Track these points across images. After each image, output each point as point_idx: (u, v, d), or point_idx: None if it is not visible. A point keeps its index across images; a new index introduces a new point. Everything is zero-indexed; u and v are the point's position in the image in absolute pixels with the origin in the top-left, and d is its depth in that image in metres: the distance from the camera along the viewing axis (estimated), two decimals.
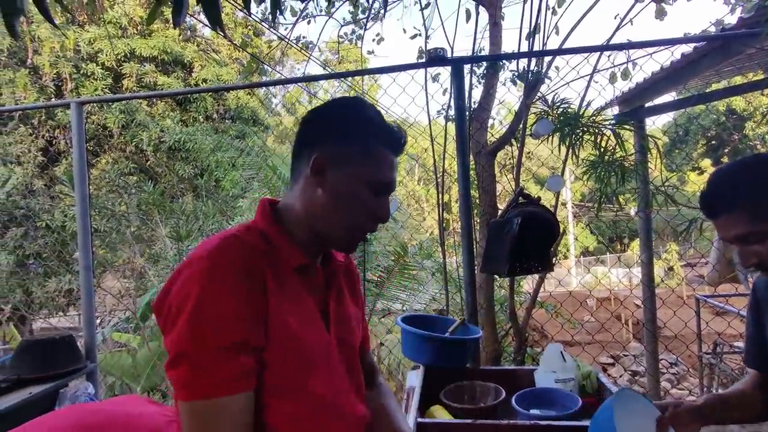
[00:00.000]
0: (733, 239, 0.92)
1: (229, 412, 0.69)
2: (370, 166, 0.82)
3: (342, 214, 0.82)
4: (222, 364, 0.69)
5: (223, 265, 0.73)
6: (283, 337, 0.76)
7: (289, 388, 0.77)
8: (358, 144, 0.83)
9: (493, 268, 1.92)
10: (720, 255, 4.03)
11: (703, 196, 0.95)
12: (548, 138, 2.40)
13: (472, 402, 1.69)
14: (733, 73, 3.84)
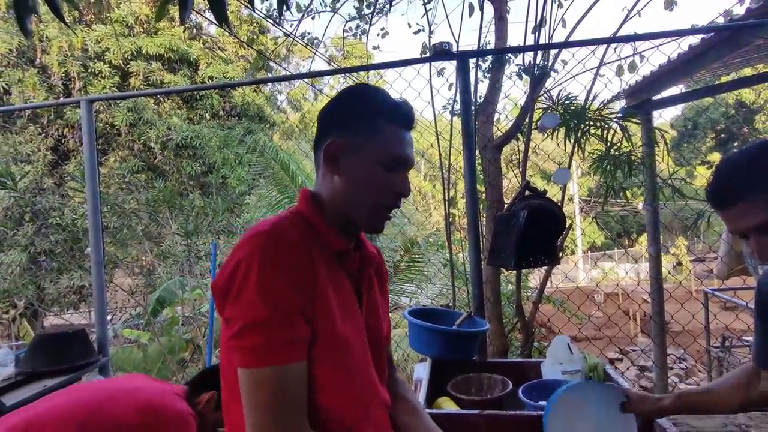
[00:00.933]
0: (748, 230, 0.87)
1: (296, 379, 0.74)
2: (378, 144, 0.84)
3: (360, 196, 0.85)
4: (288, 334, 0.73)
5: (279, 241, 0.77)
6: (325, 315, 0.79)
7: (331, 364, 0.79)
8: (364, 125, 0.85)
9: (499, 262, 1.93)
10: (729, 248, 3.99)
11: (712, 187, 0.90)
12: (554, 132, 2.39)
13: (479, 394, 1.71)
14: (742, 65, 3.80)
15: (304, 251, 0.78)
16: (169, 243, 6.38)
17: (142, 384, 1.50)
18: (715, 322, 4.06)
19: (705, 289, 4.38)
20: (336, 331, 0.80)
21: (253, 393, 0.72)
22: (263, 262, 0.73)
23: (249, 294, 0.71)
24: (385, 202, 0.87)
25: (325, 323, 0.78)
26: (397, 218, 6.68)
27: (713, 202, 0.91)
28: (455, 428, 1.39)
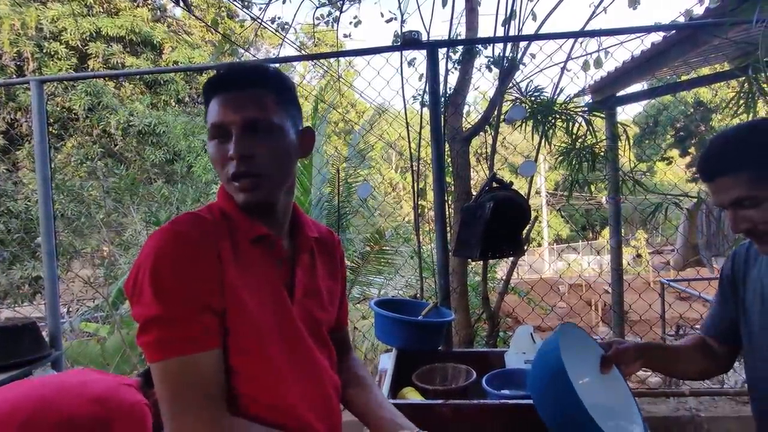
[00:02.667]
0: (729, 203, 0.90)
1: (203, 368, 0.74)
2: (207, 119, 0.85)
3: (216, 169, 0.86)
4: (189, 322, 0.74)
5: (176, 238, 0.77)
6: (237, 306, 0.79)
7: (247, 353, 0.80)
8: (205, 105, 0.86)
9: (465, 252, 1.94)
10: (684, 240, 4.17)
11: (705, 156, 0.92)
12: (522, 125, 2.42)
13: (444, 383, 1.72)
14: (701, 64, 3.93)
15: (205, 244, 0.78)
16: (132, 233, 6.16)
17: (92, 377, 1.44)
18: (671, 312, 4.24)
19: (662, 280, 4.56)
20: (250, 321, 0.80)
21: (160, 385, 0.74)
22: (156, 261, 0.74)
23: (146, 293, 0.73)
24: (227, 173, 0.83)
25: (237, 313, 0.79)
26: (366, 209, 6.66)
27: (701, 173, 0.93)
28: (420, 418, 1.38)
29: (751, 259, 1.03)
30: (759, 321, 0.98)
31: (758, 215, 0.87)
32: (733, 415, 2.05)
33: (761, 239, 0.90)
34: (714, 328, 1.12)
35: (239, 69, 0.86)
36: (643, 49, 2.75)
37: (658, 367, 1.16)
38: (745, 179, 0.86)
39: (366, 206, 6.54)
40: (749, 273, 1.03)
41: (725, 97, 14.78)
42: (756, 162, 0.86)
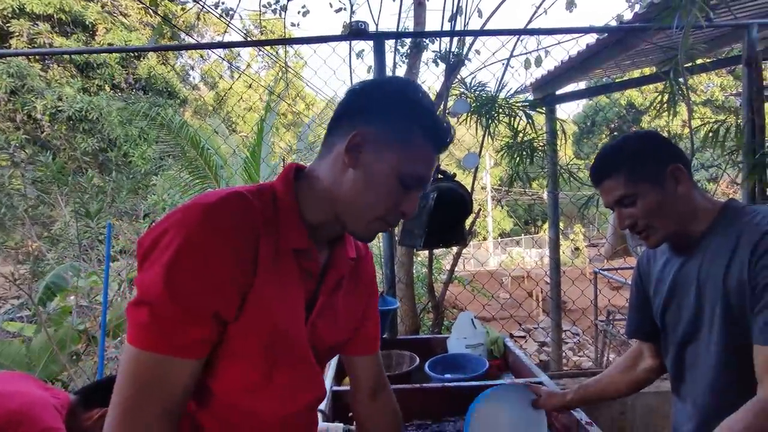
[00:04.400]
0: (614, 202, 1.02)
1: (174, 373, 0.66)
2: (409, 158, 0.75)
3: (368, 200, 0.76)
4: (183, 330, 0.65)
5: (217, 222, 0.67)
6: (257, 316, 0.71)
7: (249, 361, 0.73)
8: (403, 131, 0.76)
9: (410, 242, 1.97)
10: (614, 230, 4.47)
11: (593, 164, 1.06)
12: (467, 119, 2.49)
13: (388, 370, 1.75)
14: (631, 67, 4.20)
15: (246, 245, 0.69)
16: (61, 226, 5.75)
17: (20, 389, 1.30)
18: (602, 299, 4.51)
19: (594, 269, 4.85)
20: (265, 333, 0.72)
21: (124, 371, 0.65)
22: (184, 248, 0.64)
23: (157, 272, 0.64)
24: (387, 218, 0.78)
25: (255, 323, 0.71)
26: None
27: (592, 180, 1.07)
28: None
29: (652, 257, 1.16)
30: (663, 311, 1.09)
31: (636, 211, 0.99)
32: (653, 390, 2.22)
33: (643, 234, 1.01)
34: (637, 328, 1.21)
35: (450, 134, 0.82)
36: (579, 50, 2.90)
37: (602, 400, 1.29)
38: (623, 179, 0.99)
39: None
40: (651, 270, 1.15)
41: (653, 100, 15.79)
42: (630, 164, 0.99)
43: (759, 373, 0.85)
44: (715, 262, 0.95)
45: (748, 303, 0.89)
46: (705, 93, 16.40)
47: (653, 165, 0.99)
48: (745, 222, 0.93)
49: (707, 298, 0.96)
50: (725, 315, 0.92)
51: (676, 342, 1.07)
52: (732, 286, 0.91)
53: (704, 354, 0.99)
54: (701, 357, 1.00)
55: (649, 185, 0.98)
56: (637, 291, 1.21)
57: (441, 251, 6.37)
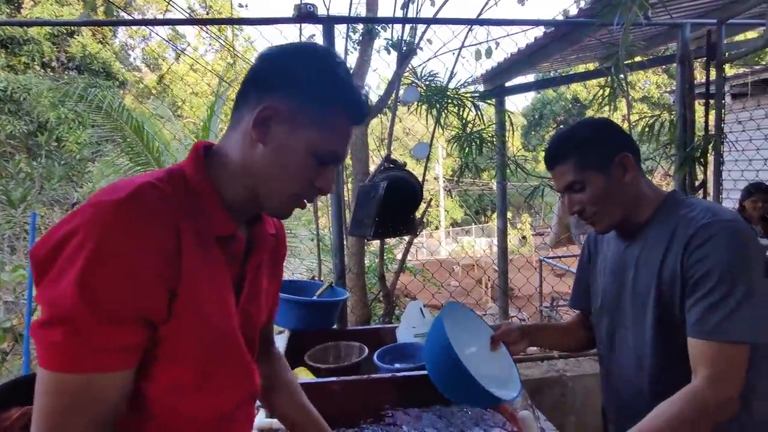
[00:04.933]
0: (564, 187, 1.04)
1: (101, 390, 0.59)
2: (324, 133, 0.71)
3: (282, 177, 0.72)
4: (107, 341, 0.58)
5: (133, 217, 0.60)
6: (190, 313, 0.66)
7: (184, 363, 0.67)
8: (317, 103, 0.71)
9: (360, 231, 1.95)
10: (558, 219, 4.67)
11: (547, 150, 1.08)
12: (417, 108, 2.48)
13: (337, 361, 1.72)
14: (577, 62, 4.34)
15: (168, 235, 0.62)
16: None
17: None
18: (547, 286, 4.70)
19: (539, 257, 5.03)
20: (198, 330, 0.67)
21: (43, 398, 0.58)
22: (98, 251, 0.56)
23: (68, 279, 0.56)
24: (303, 194, 0.75)
25: (186, 321, 0.65)
26: None
27: (546, 164, 1.09)
28: (310, 397, 1.37)
29: (599, 239, 1.19)
30: (602, 290, 1.12)
31: (585, 198, 1.01)
32: (592, 372, 2.34)
33: (590, 219, 1.04)
34: (579, 301, 1.26)
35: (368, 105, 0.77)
36: (528, 43, 2.95)
37: (543, 344, 1.29)
38: (573, 166, 1.01)
39: None
40: (598, 250, 1.18)
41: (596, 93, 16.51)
42: (579, 150, 1.01)
43: (693, 364, 0.89)
44: (652, 251, 0.99)
45: (678, 294, 0.92)
46: (642, 90, 17.36)
47: (603, 153, 1.01)
48: (682, 214, 0.96)
49: (643, 284, 1.00)
50: (658, 303, 0.96)
51: (609, 323, 1.11)
52: (666, 276, 0.95)
53: (635, 338, 1.03)
54: (632, 341, 1.04)
55: (598, 173, 1.00)
56: (582, 267, 1.25)
57: (393, 241, 6.40)
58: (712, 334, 0.85)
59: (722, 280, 0.85)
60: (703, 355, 0.86)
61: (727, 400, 0.83)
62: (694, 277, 0.89)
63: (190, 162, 0.72)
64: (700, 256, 0.88)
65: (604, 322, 1.13)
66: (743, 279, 0.85)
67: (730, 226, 0.89)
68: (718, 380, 0.83)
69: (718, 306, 0.85)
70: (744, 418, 0.94)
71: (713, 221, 0.90)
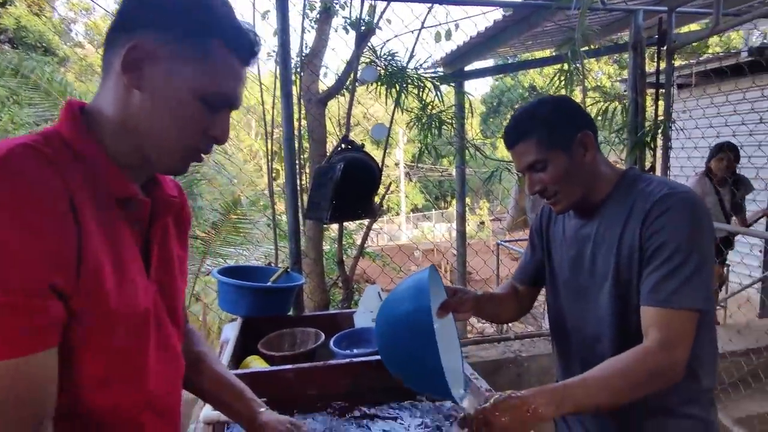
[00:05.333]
0: (525, 167, 1.02)
1: (37, 373, 0.53)
2: (206, 71, 0.63)
3: (167, 127, 0.64)
4: (27, 310, 0.52)
5: (12, 179, 0.52)
6: (96, 284, 0.59)
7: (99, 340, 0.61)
8: (192, 37, 0.63)
9: (316, 215, 1.88)
10: (515, 203, 4.76)
11: (507, 127, 1.05)
12: (376, 87, 2.42)
13: (292, 348, 1.67)
14: (536, 48, 4.39)
15: (58, 201, 0.55)
16: None
17: None
18: (504, 269, 4.80)
19: (497, 241, 5.12)
20: (109, 303, 0.60)
21: None
22: None
23: None
24: (196, 145, 0.67)
25: (95, 294, 0.58)
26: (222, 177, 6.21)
27: (506, 143, 1.05)
28: (264, 385, 1.32)
29: (553, 215, 1.18)
30: (557, 269, 1.12)
31: (547, 177, 0.99)
32: (546, 352, 2.39)
33: (551, 199, 1.03)
34: (524, 275, 1.26)
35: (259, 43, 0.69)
36: (487, 26, 2.94)
37: (485, 315, 1.25)
38: (535, 144, 0.99)
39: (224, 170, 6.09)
40: (552, 227, 1.17)
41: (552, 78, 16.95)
42: (542, 129, 0.99)
43: (644, 329, 0.89)
44: (610, 228, 0.99)
45: (636, 268, 0.93)
46: (596, 80, 17.93)
47: (564, 131, 0.99)
48: (639, 190, 0.97)
49: (601, 262, 1.00)
50: (616, 281, 0.97)
51: (566, 300, 1.11)
52: (624, 253, 0.95)
53: (592, 315, 1.03)
54: (589, 318, 1.05)
55: (560, 151, 0.99)
56: (533, 243, 1.24)
57: (354, 226, 6.36)
58: (666, 301, 0.86)
59: (678, 249, 0.87)
60: (656, 321, 0.87)
61: (675, 364, 0.84)
62: (651, 248, 0.90)
63: (66, 123, 0.63)
64: (658, 228, 0.89)
65: (561, 299, 1.13)
66: (697, 249, 0.87)
67: (686, 197, 0.90)
68: (669, 344, 0.84)
69: (673, 274, 0.86)
70: (692, 389, 0.97)
71: (670, 193, 0.91)
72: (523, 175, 1.05)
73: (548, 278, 1.18)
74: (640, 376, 0.83)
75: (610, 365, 0.85)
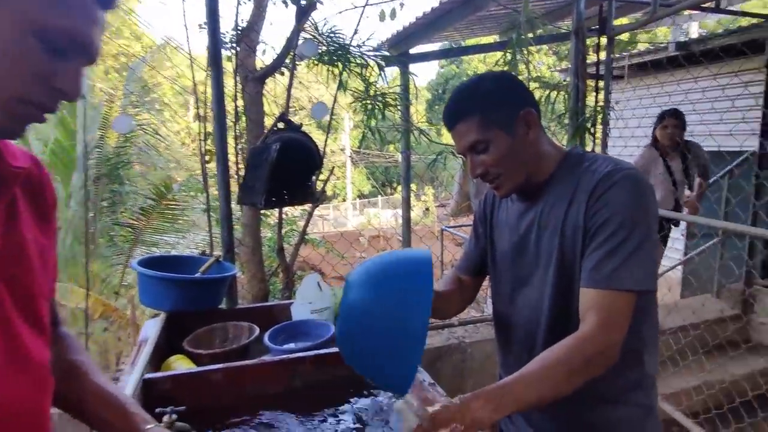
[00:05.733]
0: (466, 149, 0.95)
1: None
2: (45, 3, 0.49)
3: None
4: None
5: None
6: None
7: None
8: None
9: (250, 199, 1.74)
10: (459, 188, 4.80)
11: (446, 106, 0.97)
12: (317, 65, 2.29)
13: (223, 345, 1.54)
14: (482, 32, 4.38)
15: None
16: None
17: None
18: (448, 255, 4.83)
19: (441, 227, 5.15)
20: None
21: None
22: None
23: None
24: (31, 98, 0.52)
25: None
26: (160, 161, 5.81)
27: (446, 123, 0.97)
28: (187, 390, 1.19)
29: (497, 202, 1.12)
30: (500, 255, 1.07)
31: (489, 159, 0.93)
32: (490, 338, 2.40)
33: (494, 182, 0.97)
34: (468, 265, 1.20)
35: None
36: (433, 6, 2.87)
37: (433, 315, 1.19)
38: (477, 123, 0.92)
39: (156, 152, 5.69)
40: (496, 214, 1.12)
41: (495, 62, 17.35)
42: (483, 107, 0.92)
43: (582, 310, 0.86)
44: (554, 210, 0.94)
45: (580, 247, 0.89)
46: (536, 69, 18.52)
47: (507, 109, 0.93)
48: (584, 168, 0.93)
49: (545, 244, 0.95)
50: (560, 263, 0.92)
51: (510, 284, 1.06)
52: (568, 233, 0.91)
53: (534, 298, 0.99)
54: (531, 301, 1.01)
55: (502, 131, 0.92)
56: (476, 232, 1.18)
57: (297, 212, 6.17)
58: (606, 281, 0.83)
59: (622, 225, 0.84)
60: (595, 303, 0.84)
61: (612, 347, 0.82)
62: (594, 226, 0.87)
63: None
64: (601, 205, 0.86)
65: (504, 287, 1.08)
66: (641, 226, 0.84)
67: (630, 174, 0.87)
68: (607, 328, 0.82)
69: (615, 252, 0.83)
70: (637, 375, 0.95)
71: (614, 170, 0.88)
72: (465, 158, 0.98)
73: (491, 266, 1.13)
74: (578, 363, 0.80)
75: (548, 356, 0.81)
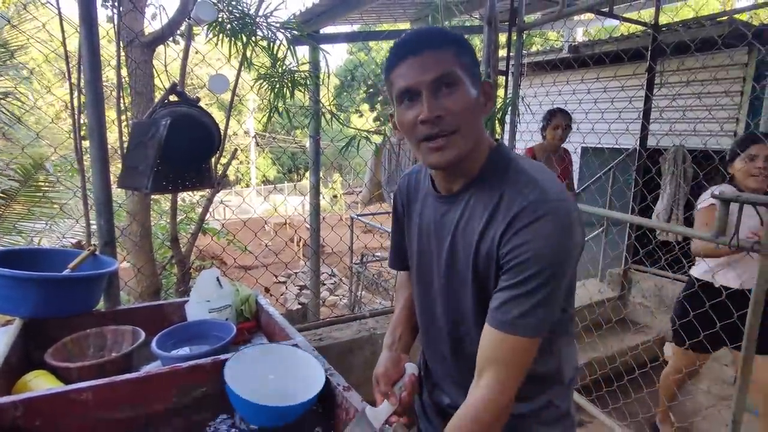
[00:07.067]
0: (429, 83, 0.78)
1: None
2: None
3: None
4: None
5: None
6: None
7: None
8: None
9: (133, 182, 1.49)
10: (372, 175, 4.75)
11: (411, 34, 0.82)
12: (217, 35, 2.04)
13: (100, 354, 1.30)
14: (389, 20, 4.32)
15: None
16: None
17: None
18: (359, 243, 4.77)
19: (351, 215, 5.07)
20: None
21: None
22: None
23: None
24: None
25: None
26: (28, 138, 4.96)
27: (404, 49, 0.81)
28: (48, 417, 0.96)
29: (412, 193, 1.03)
30: (417, 248, 1.00)
31: (452, 104, 0.79)
32: None
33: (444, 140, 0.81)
34: (398, 260, 1.13)
35: None
36: None
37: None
38: (452, 55, 0.80)
39: (16, 124, 4.84)
40: (411, 206, 1.03)
41: None
42: (459, 46, 0.81)
43: (481, 358, 0.81)
44: (471, 222, 0.86)
45: (494, 272, 0.82)
46: None
47: (476, 66, 0.83)
48: (509, 178, 0.83)
49: (461, 255, 0.88)
50: (475, 277, 0.86)
51: (427, 291, 0.99)
52: (482, 252, 0.83)
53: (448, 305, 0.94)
54: (443, 307, 0.95)
55: (470, 82, 0.80)
56: (397, 227, 1.10)
57: (197, 198, 5.69)
58: (510, 327, 0.78)
59: (539, 273, 0.76)
60: (494, 348, 0.80)
61: (507, 407, 0.81)
62: (510, 262, 0.79)
63: None
64: (521, 241, 0.77)
65: (422, 290, 1.01)
66: (558, 272, 0.77)
67: (559, 208, 0.77)
68: (503, 389, 0.79)
69: (524, 298, 0.77)
70: (559, 388, 0.94)
71: (540, 200, 0.77)
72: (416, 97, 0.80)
73: (410, 257, 1.05)
74: (490, 420, 0.79)
75: (461, 417, 0.81)
